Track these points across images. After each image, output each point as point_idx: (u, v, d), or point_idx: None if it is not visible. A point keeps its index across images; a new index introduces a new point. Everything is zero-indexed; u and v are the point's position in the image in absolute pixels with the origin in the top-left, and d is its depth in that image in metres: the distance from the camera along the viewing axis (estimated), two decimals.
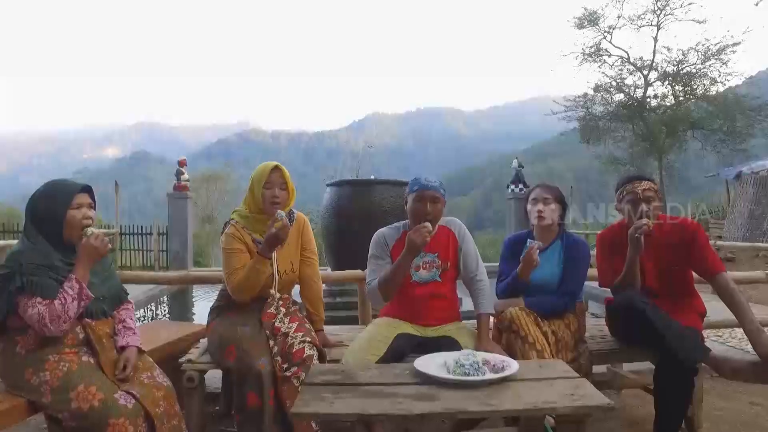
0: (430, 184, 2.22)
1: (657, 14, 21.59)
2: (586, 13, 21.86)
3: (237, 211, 2.36)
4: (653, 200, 2.34)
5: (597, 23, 21.93)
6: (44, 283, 1.73)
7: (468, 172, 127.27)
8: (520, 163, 10.42)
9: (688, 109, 20.76)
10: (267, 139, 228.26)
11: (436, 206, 2.22)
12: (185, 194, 9.72)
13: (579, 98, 21.98)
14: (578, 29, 22.29)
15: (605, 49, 22.22)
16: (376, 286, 2.22)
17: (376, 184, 5.83)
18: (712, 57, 20.30)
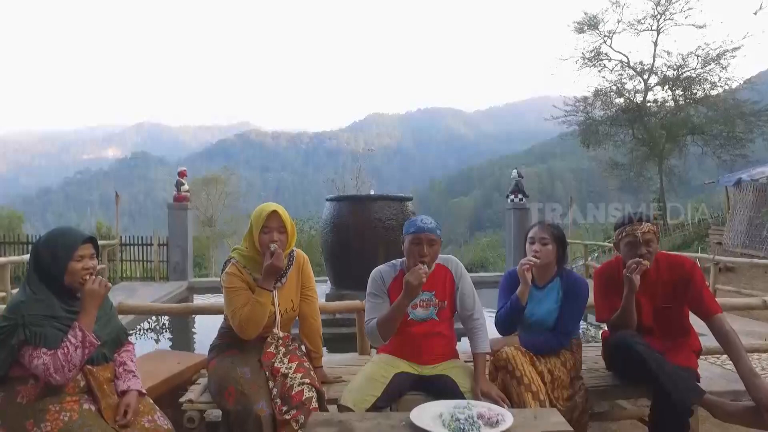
0: (427, 226, 2.24)
1: (657, 19, 21.63)
2: (586, 17, 21.90)
3: (237, 249, 2.37)
4: (652, 242, 2.35)
5: (597, 27, 21.98)
6: (48, 334, 1.75)
7: (468, 172, 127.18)
8: (520, 173, 10.43)
9: (688, 114, 20.79)
10: (267, 139, 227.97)
11: (432, 248, 2.24)
12: (185, 205, 9.74)
13: (579, 102, 22.02)
14: (578, 33, 22.32)
15: (605, 54, 22.26)
16: (375, 326, 2.25)
17: (374, 200, 5.86)
18: (711, 62, 20.36)
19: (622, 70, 22.26)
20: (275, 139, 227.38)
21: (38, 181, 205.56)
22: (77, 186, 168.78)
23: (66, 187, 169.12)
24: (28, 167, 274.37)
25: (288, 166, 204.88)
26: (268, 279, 2.19)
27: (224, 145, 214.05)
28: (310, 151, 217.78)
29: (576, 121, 22.04)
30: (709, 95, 20.34)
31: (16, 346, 1.72)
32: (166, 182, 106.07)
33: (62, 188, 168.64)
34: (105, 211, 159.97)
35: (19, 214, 31.06)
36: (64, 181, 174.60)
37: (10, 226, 27.63)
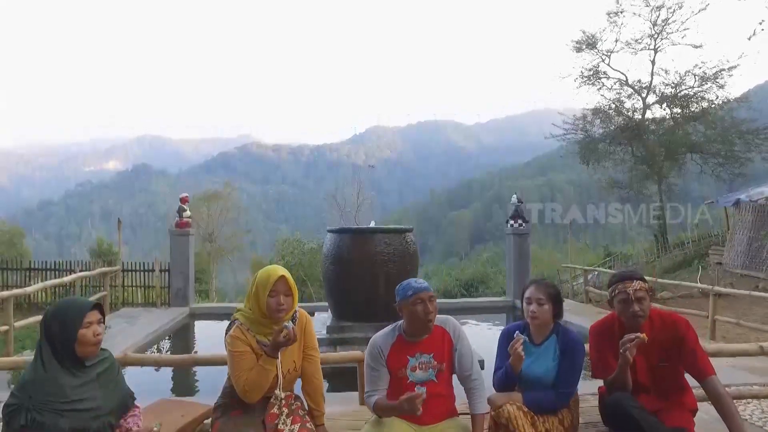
0: (422, 285, 2.35)
1: (654, 38, 21.82)
2: (584, 36, 22.10)
3: (241, 311, 2.42)
4: (644, 300, 2.41)
5: (595, 46, 22.16)
6: (46, 422, 1.82)
7: (468, 184, 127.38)
8: (520, 198, 10.48)
9: (687, 132, 20.90)
10: (268, 152, 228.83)
11: (433, 303, 2.34)
12: (187, 231, 9.78)
13: (578, 120, 22.16)
14: (577, 52, 22.52)
15: (604, 72, 22.42)
16: (373, 405, 2.32)
17: (375, 233, 5.92)
18: (708, 80, 20.52)
19: (620, 88, 22.40)
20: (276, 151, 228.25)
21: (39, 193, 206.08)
22: (78, 198, 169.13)
23: (67, 199, 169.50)
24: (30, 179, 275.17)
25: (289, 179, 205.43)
26: (277, 350, 2.25)
27: (225, 158, 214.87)
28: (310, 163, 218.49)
29: (575, 139, 22.16)
30: (707, 113, 20.46)
31: (18, 430, 1.79)
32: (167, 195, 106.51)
33: (63, 200, 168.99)
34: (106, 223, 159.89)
35: (20, 229, 31.12)
36: (65, 194, 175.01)
37: (11, 241, 27.70)
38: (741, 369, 4.82)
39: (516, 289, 10.50)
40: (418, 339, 2.39)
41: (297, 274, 18.81)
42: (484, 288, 22.64)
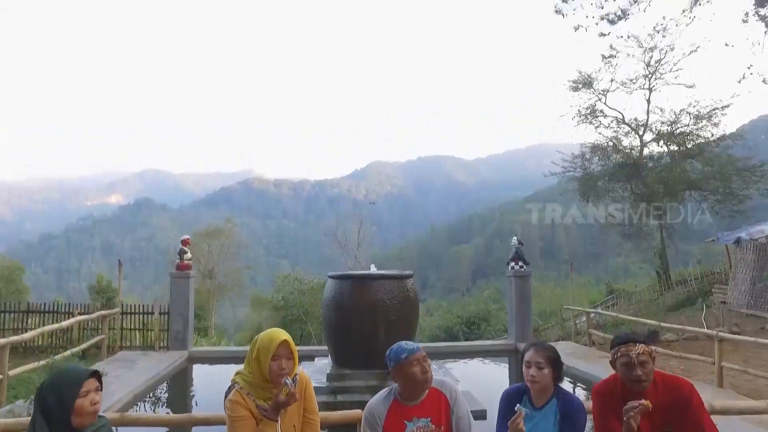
0: (414, 346, 2.37)
1: (648, 78, 22.30)
2: (580, 76, 22.61)
3: (240, 374, 2.39)
4: (647, 364, 2.39)
5: (591, 86, 22.64)
6: None
7: (469, 220, 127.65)
8: (520, 239, 10.47)
9: (684, 170, 21.08)
10: (269, 187, 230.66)
11: (428, 362, 2.35)
12: (188, 273, 9.74)
13: (576, 158, 22.40)
14: (574, 92, 22.98)
15: (600, 111, 22.83)
16: None
17: (375, 279, 5.90)
18: (703, 119, 20.88)
19: (617, 127, 22.76)
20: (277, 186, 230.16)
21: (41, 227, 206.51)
22: (79, 232, 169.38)
23: (68, 233, 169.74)
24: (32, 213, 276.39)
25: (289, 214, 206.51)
26: (277, 412, 2.23)
27: (227, 193, 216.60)
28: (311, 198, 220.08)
29: (575, 176, 22.34)
30: (703, 151, 20.70)
31: None
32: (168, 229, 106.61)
33: (64, 234, 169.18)
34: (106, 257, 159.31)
35: (20, 264, 31.01)
36: (67, 227, 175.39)
37: (9, 277, 27.55)
38: (750, 422, 4.70)
39: (518, 332, 10.35)
40: (414, 402, 2.36)
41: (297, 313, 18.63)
42: (486, 325, 22.35)
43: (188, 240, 10.00)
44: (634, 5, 11.30)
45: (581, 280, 41.77)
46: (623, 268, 65.54)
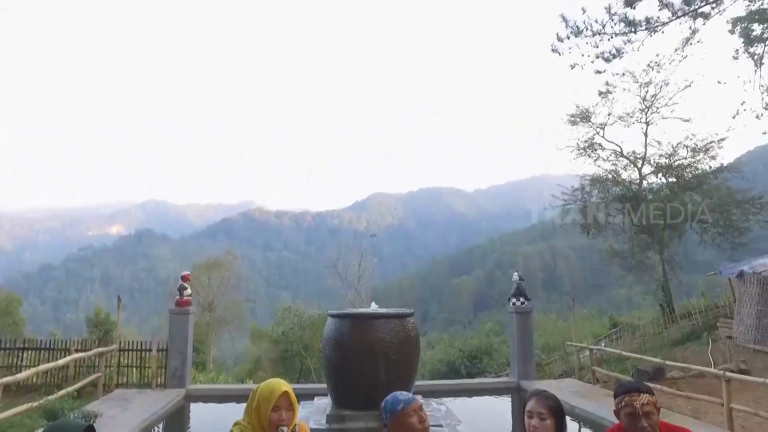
0: (409, 396, 2.32)
1: (645, 112, 22.61)
2: (578, 110, 22.96)
3: (239, 424, 2.35)
4: (652, 414, 2.34)
5: (589, 120, 22.95)
6: None
7: (470, 251, 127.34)
8: (521, 275, 10.41)
9: (684, 202, 21.14)
10: (270, 218, 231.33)
11: (425, 412, 2.31)
12: (187, 310, 9.63)
13: (576, 191, 22.50)
14: (572, 125, 23.29)
15: (599, 144, 23.06)
16: None
17: (376, 318, 5.84)
18: (700, 152, 21.05)
19: (616, 159, 22.93)
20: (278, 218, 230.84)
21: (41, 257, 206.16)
22: (79, 263, 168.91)
23: (68, 263, 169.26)
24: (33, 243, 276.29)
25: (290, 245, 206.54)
26: None
27: (228, 224, 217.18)
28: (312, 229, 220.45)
29: (575, 209, 22.39)
30: (702, 183, 20.79)
31: None
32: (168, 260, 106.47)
33: (64, 264, 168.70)
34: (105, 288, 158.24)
35: (17, 296, 30.84)
36: (67, 258, 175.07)
37: (7, 309, 27.33)
38: None
39: (520, 369, 10.16)
40: None
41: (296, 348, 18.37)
42: (489, 359, 21.98)
43: (188, 276, 9.93)
44: (627, 44, 11.62)
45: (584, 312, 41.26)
46: (626, 300, 64.88)
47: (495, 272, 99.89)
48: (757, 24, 15.87)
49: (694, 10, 11.65)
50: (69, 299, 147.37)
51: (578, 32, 11.38)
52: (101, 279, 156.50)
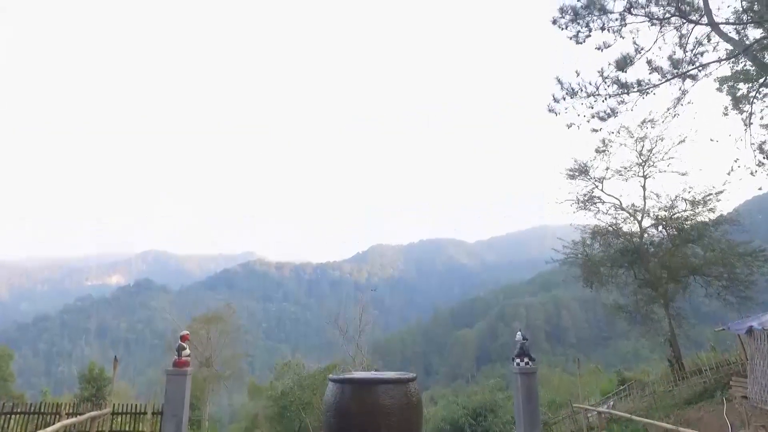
0: None
1: (642, 166, 22.95)
2: (576, 164, 23.30)
3: None
4: None
5: (588, 174, 23.24)
6: None
7: (472, 303, 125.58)
8: (524, 335, 10.25)
9: (686, 255, 21.05)
10: (271, 270, 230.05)
11: None
12: (185, 371, 9.33)
13: (577, 244, 22.49)
14: (571, 179, 23.58)
15: (598, 197, 23.25)
16: None
17: (377, 383, 5.71)
18: (698, 205, 21.18)
19: (616, 213, 23.04)
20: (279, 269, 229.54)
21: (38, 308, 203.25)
22: (76, 313, 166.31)
23: (64, 314, 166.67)
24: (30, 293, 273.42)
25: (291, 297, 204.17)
26: None
27: (228, 275, 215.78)
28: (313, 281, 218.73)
29: (577, 263, 22.29)
30: (702, 236, 20.77)
31: None
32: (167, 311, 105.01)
33: (60, 315, 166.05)
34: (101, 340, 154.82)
35: (8, 350, 30.18)
36: (63, 308, 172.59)
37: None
38: None
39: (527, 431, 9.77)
40: None
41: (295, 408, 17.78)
42: (494, 417, 21.16)
43: (187, 336, 9.71)
44: (621, 105, 12.05)
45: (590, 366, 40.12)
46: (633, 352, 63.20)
47: (498, 324, 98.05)
48: (742, 83, 16.53)
49: (682, 73, 12.17)
50: (63, 351, 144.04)
51: (573, 93, 11.84)
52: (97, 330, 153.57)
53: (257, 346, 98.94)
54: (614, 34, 11.83)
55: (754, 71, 14.62)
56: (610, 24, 11.69)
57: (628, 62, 11.80)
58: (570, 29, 11.82)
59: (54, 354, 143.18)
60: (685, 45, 12.85)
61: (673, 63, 12.79)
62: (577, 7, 11.60)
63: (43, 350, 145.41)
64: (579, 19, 11.66)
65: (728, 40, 11.82)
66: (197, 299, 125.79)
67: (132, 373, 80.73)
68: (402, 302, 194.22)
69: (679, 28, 12.76)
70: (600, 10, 11.68)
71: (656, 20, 11.86)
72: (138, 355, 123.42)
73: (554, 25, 11.92)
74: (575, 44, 11.77)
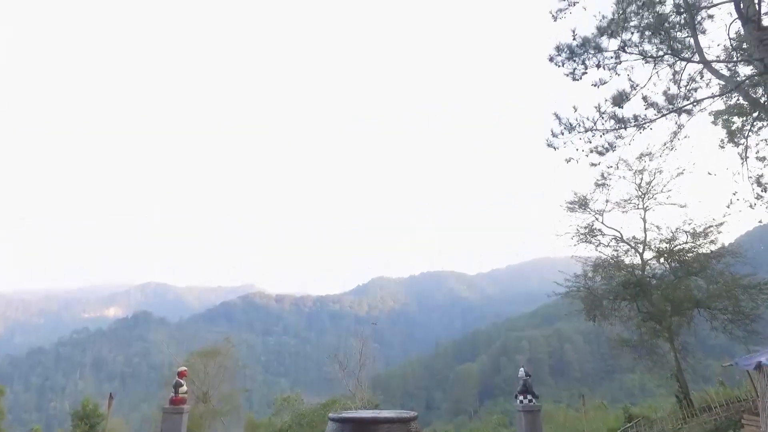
0: None
1: (641, 198, 23.03)
2: (576, 197, 23.39)
3: None
4: None
5: (588, 207, 23.30)
6: None
7: (474, 337, 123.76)
8: (527, 371, 10.12)
9: (689, 287, 20.86)
10: (271, 302, 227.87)
11: None
12: (182, 408, 9.16)
13: (579, 277, 22.34)
14: (571, 212, 23.63)
15: (599, 230, 23.25)
16: None
17: (379, 423, 5.61)
18: (699, 237, 21.15)
19: (617, 245, 23.00)
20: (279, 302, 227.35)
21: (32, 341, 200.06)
22: (71, 347, 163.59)
23: (59, 347, 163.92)
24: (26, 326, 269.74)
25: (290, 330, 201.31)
26: None
27: (227, 307, 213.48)
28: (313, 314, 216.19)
29: (578, 295, 22.10)
30: (705, 268, 20.63)
31: None
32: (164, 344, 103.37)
33: (55, 348, 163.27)
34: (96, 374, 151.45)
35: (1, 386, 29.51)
36: (59, 341, 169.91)
37: None
38: None
39: None
40: None
41: None
42: None
43: (185, 372, 9.57)
44: (619, 139, 12.26)
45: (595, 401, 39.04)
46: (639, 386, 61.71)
47: (500, 358, 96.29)
48: (737, 117, 16.82)
49: (677, 108, 12.44)
50: (56, 386, 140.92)
51: (571, 128, 12.08)
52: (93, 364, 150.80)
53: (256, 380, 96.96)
54: (610, 71, 12.18)
55: (747, 105, 14.92)
56: (606, 62, 12.05)
57: (624, 98, 12.08)
58: (566, 67, 12.17)
59: (47, 389, 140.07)
60: (679, 81, 13.20)
61: (668, 98, 13.09)
62: (573, 45, 11.98)
63: (36, 385, 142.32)
64: (575, 57, 12.02)
65: (720, 77, 12.14)
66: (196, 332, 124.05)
67: (126, 408, 78.77)
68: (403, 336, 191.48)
69: (673, 65, 13.14)
70: (595, 49, 12.06)
71: (650, 58, 12.21)
72: (133, 389, 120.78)
73: (551, 62, 12.27)
74: (572, 81, 12.08)
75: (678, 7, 12.10)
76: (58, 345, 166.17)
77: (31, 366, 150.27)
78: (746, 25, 9.62)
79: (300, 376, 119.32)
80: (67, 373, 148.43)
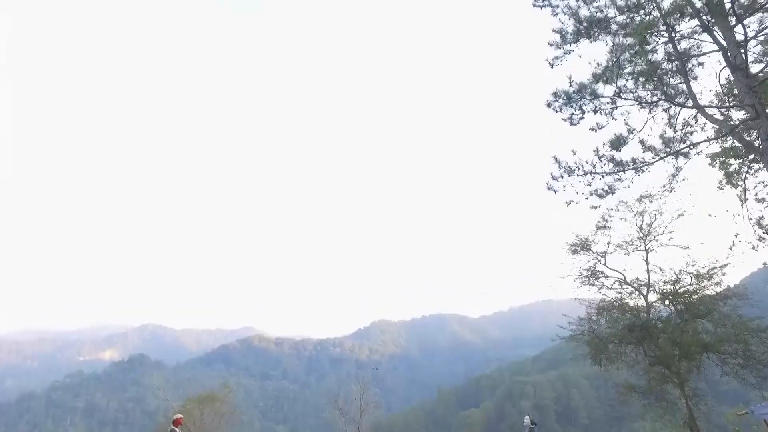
0: None
1: (643, 240, 22.99)
2: (578, 239, 23.36)
3: None
4: None
5: (590, 248, 23.24)
6: None
7: (477, 381, 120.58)
8: (533, 419, 9.87)
9: (696, 331, 20.48)
10: (270, 345, 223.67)
11: None
12: None
13: (583, 320, 21.99)
14: (573, 254, 23.54)
15: (601, 272, 23.10)
16: None
17: None
18: (703, 278, 20.94)
19: (620, 287, 22.77)
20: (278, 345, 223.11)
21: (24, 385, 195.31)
22: (63, 391, 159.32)
23: (51, 392, 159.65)
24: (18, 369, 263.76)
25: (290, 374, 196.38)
26: None
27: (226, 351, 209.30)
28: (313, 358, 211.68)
29: (583, 339, 21.68)
30: (711, 311, 20.31)
31: None
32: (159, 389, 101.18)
33: (47, 393, 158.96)
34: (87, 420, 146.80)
35: None
36: (51, 386, 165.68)
37: None
38: None
39: None
40: None
41: None
42: None
43: (180, 420, 9.35)
44: (618, 182, 12.43)
45: None
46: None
47: (505, 404, 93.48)
48: (733, 159, 17.07)
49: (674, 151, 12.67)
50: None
51: (571, 172, 12.27)
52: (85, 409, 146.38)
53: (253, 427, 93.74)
54: (606, 116, 12.50)
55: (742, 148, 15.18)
56: (602, 107, 12.38)
57: (622, 142, 12.34)
58: (564, 112, 12.50)
59: None
60: (675, 125, 13.50)
61: (665, 142, 13.36)
62: (570, 91, 12.36)
63: None
64: (572, 102, 12.38)
65: (714, 122, 12.43)
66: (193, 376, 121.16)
67: None
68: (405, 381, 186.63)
69: (667, 110, 13.48)
70: (591, 95, 12.42)
71: (645, 103, 12.56)
72: None
73: (549, 108, 12.62)
74: (570, 126, 12.38)
75: (669, 55, 12.54)
76: (50, 390, 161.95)
77: (20, 412, 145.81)
78: (735, 73, 9.95)
79: (299, 423, 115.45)
80: (57, 419, 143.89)
